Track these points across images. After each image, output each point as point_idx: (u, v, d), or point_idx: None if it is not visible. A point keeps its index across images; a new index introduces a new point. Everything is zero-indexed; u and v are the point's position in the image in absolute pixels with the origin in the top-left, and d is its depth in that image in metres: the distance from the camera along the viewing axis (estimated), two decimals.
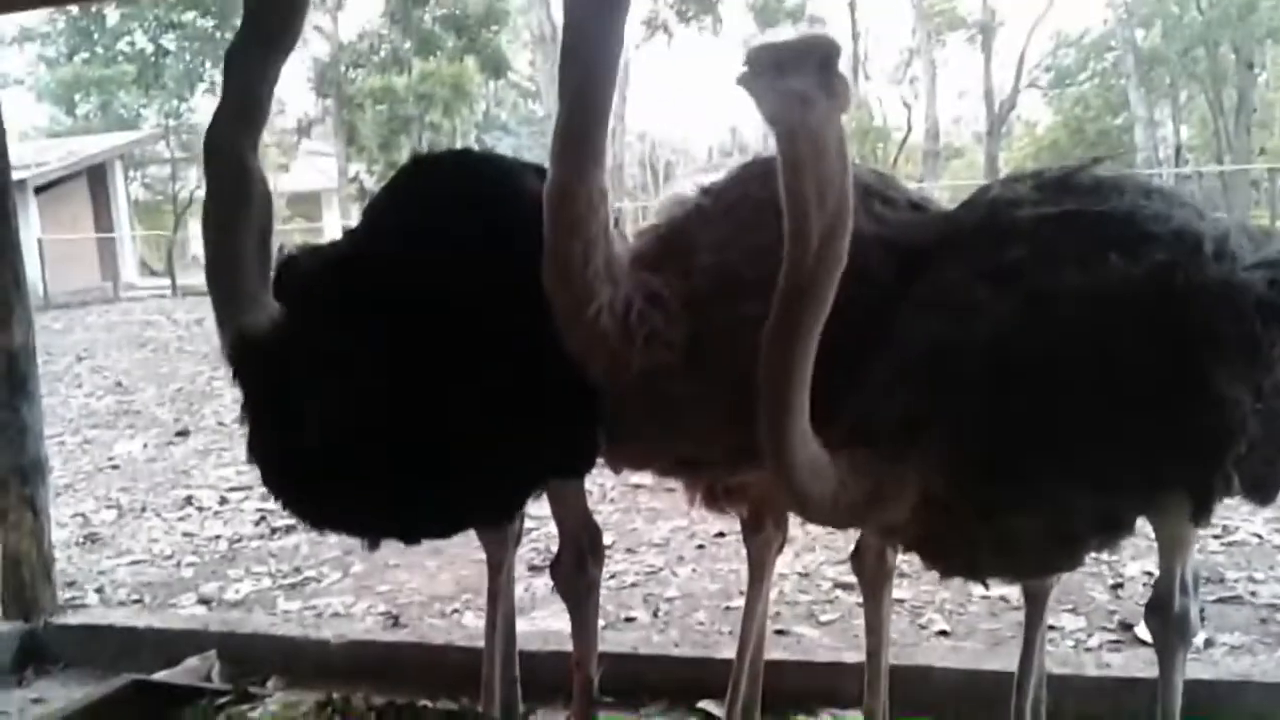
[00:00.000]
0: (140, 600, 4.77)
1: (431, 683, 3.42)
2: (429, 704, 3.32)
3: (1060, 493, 1.90)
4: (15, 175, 4.34)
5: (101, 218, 29.37)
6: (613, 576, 4.55)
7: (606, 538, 2.75)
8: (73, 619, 4.15)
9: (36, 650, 3.98)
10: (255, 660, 3.72)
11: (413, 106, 33.01)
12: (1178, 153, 34.40)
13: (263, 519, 5.89)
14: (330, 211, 36.23)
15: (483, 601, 3.03)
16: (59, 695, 3.65)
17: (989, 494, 1.89)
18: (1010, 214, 2.05)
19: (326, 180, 36.90)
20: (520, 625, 3.09)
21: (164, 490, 6.88)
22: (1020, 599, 2.77)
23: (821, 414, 1.84)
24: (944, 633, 3.85)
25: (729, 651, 2.96)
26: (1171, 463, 1.89)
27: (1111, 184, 2.10)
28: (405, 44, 34.81)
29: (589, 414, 2.21)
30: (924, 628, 3.89)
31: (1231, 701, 2.99)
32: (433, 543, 3.25)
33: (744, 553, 2.92)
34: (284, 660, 3.71)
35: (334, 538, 4.42)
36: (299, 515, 2.37)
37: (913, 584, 4.17)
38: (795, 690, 3.16)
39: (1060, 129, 39.79)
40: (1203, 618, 2.31)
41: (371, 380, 2.10)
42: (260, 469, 2.27)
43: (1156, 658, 2.26)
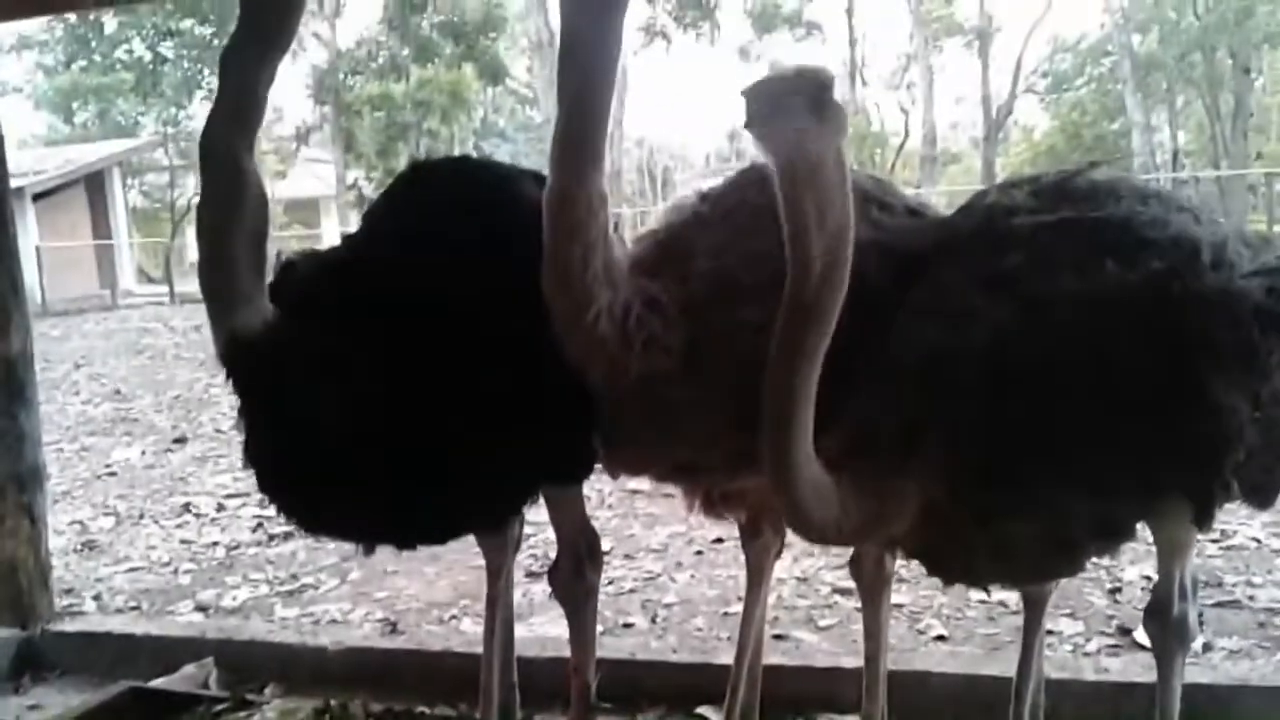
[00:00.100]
0: (137, 607, 4.76)
1: (429, 690, 3.41)
2: (426, 711, 3.33)
3: (1059, 498, 1.89)
4: (13, 183, 4.34)
5: (99, 225, 29.41)
6: (611, 582, 4.54)
7: (604, 543, 2.74)
8: (70, 626, 4.14)
9: (33, 657, 3.96)
10: (252, 667, 3.71)
11: (411, 113, 33.08)
12: (1175, 158, 34.45)
13: (260, 526, 5.88)
14: (328, 218, 36.27)
15: (480, 608, 3.02)
16: (56, 702, 3.64)
17: (987, 500, 1.89)
18: (1007, 220, 2.05)
19: (324, 187, 36.94)
20: (518, 631, 3.08)
21: (161, 497, 6.87)
22: (1018, 604, 2.77)
23: (819, 420, 1.83)
24: (942, 638, 3.84)
25: (727, 657, 2.96)
26: (1170, 470, 1.88)
27: (1108, 189, 2.09)
28: (403, 51, 34.87)
29: (587, 419, 2.21)
30: (922, 633, 3.89)
31: (1230, 705, 2.98)
32: (430, 549, 3.25)
33: (742, 558, 2.92)
34: (281, 667, 3.70)
35: (331, 544, 4.43)
36: (295, 520, 2.37)
37: (911, 589, 4.17)
38: (793, 695, 3.16)
39: (1057, 134, 39.84)
40: (1201, 622, 2.30)
41: (369, 385, 2.10)
42: (256, 473, 2.27)
43: (1155, 662, 2.26)
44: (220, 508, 6.46)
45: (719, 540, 4.96)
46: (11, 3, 4.36)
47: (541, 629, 3.96)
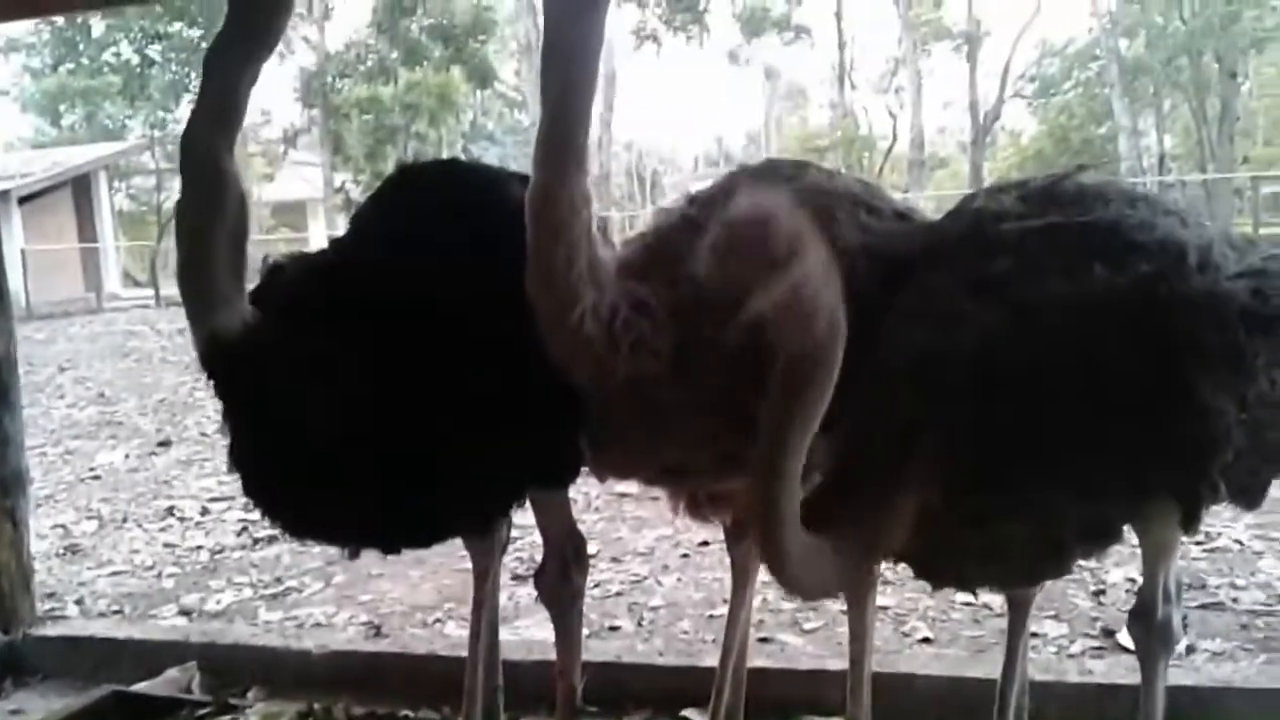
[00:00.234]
0: (120, 611, 4.74)
1: (413, 693, 3.40)
2: (410, 714, 3.32)
3: (1050, 501, 1.89)
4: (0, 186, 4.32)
5: (85, 228, 29.28)
6: (597, 585, 4.54)
7: (591, 546, 2.74)
8: (52, 630, 4.11)
9: (15, 662, 3.93)
10: (236, 671, 3.69)
11: (399, 116, 33.03)
12: (1161, 161, 34.62)
13: (244, 529, 5.86)
14: (316, 221, 36.18)
15: (465, 611, 3.02)
16: (38, 707, 3.61)
17: (981, 502, 1.89)
18: (996, 224, 2.05)
19: (312, 190, 36.88)
20: (503, 634, 3.08)
21: (145, 501, 6.83)
22: (1002, 606, 2.77)
23: None
24: (927, 640, 3.85)
25: (713, 660, 2.95)
26: (1158, 471, 1.89)
27: (1096, 193, 2.09)
28: (392, 54, 34.83)
29: (574, 421, 2.20)
30: (907, 635, 3.89)
31: (1213, 707, 2.99)
32: (415, 552, 3.25)
33: (728, 561, 2.92)
34: (265, 671, 3.68)
35: (316, 548, 4.41)
36: (280, 524, 2.36)
37: (896, 591, 4.17)
38: (778, 698, 3.15)
39: (1045, 138, 40.01)
40: (1185, 625, 2.31)
41: (357, 387, 2.09)
42: (240, 477, 2.26)
43: (1139, 665, 2.26)
44: (204, 511, 6.43)
45: (705, 543, 4.96)
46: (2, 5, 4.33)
47: (527, 632, 3.95)
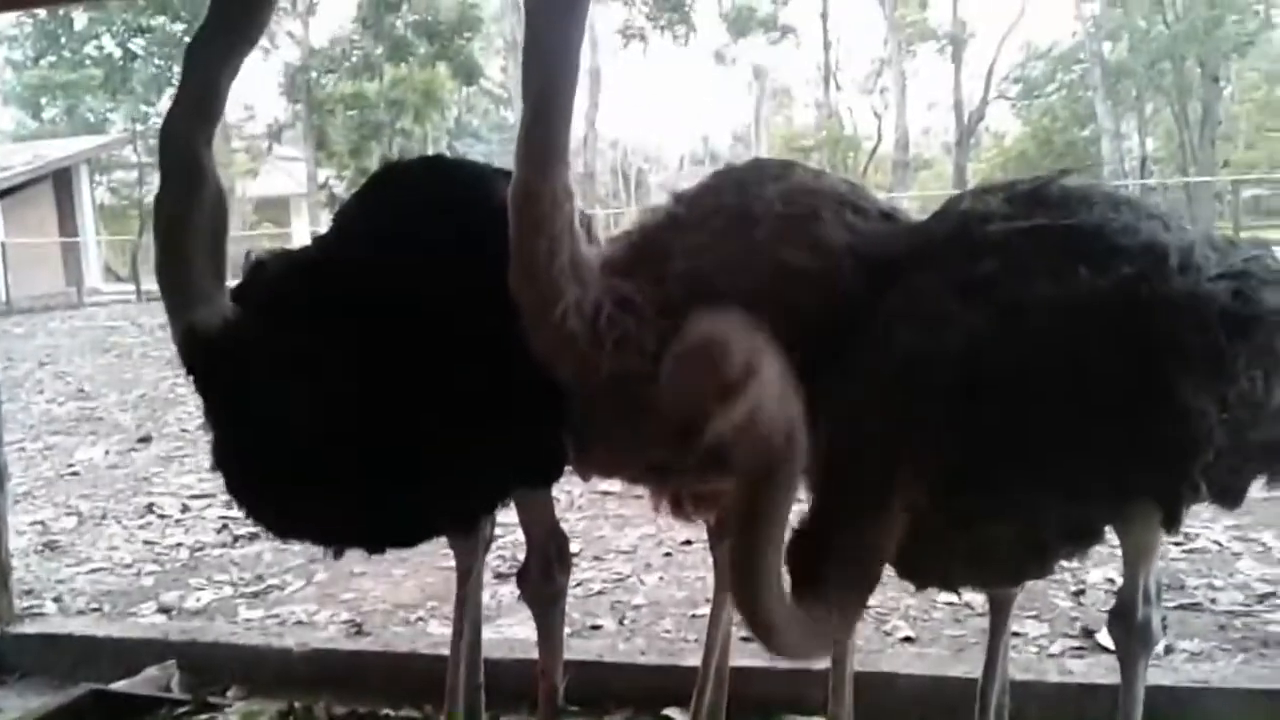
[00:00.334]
0: (99, 609, 4.70)
1: (395, 692, 3.39)
2: (392, 713, 3.31)
3: (1033, 502, 1.90)
4: None
5: (66, 222, 29.07)
6: (579, 584, 4.53)
7: (574, 545, 2.73)
8: (30, 628, 4.09)
9: None
10: (216, 669, 3.67)
11: (384, 112, 32.94)
12: (1143, 165, 34.82)
13: (225, 526, 5.82)
14: (299, 217, 36.04)
15: (448, 609, 3.01)
16: (15, 706, 3.59)
17: (965, 503, 1.89)
18: (982, 226, 2.05)
19: (296, 185, 36.74)
20: (485, 633, 3.06)
21: (125, 497, 6.79)
22: (984, 606, 2.78)
23: None
24: (909, 639, 3.85)
25: (695, 659, 2.96)
26: (1140, 472, 1.89)
27: (1081, 196, 2.10)
28: (377, 49, 34.71)
29: (558, 418, 2.20)
30: (889, 634, 3.89)
31: (1190, 707, 3.01)
32: (398, 551, 3.23)
33: (710, 560, 2.92)
34: (245, 669, 3.66)
35: (297, 545, 4.38)
36: (264, 523, 2.34)
37: (878, 590, 4.13)
38: (760, 696, 3.15)
39: (1028, 140, 40.18)
40: (1165, 626, 2.32)
41: (339, 384, 2.08)
42: (223, 475, 2.25)
43: (1118, 664, 2.27)
44: (185, 508, 6.39)
45: (688, 542, 4.96)
46: None
47: (509, 631, 3.94)
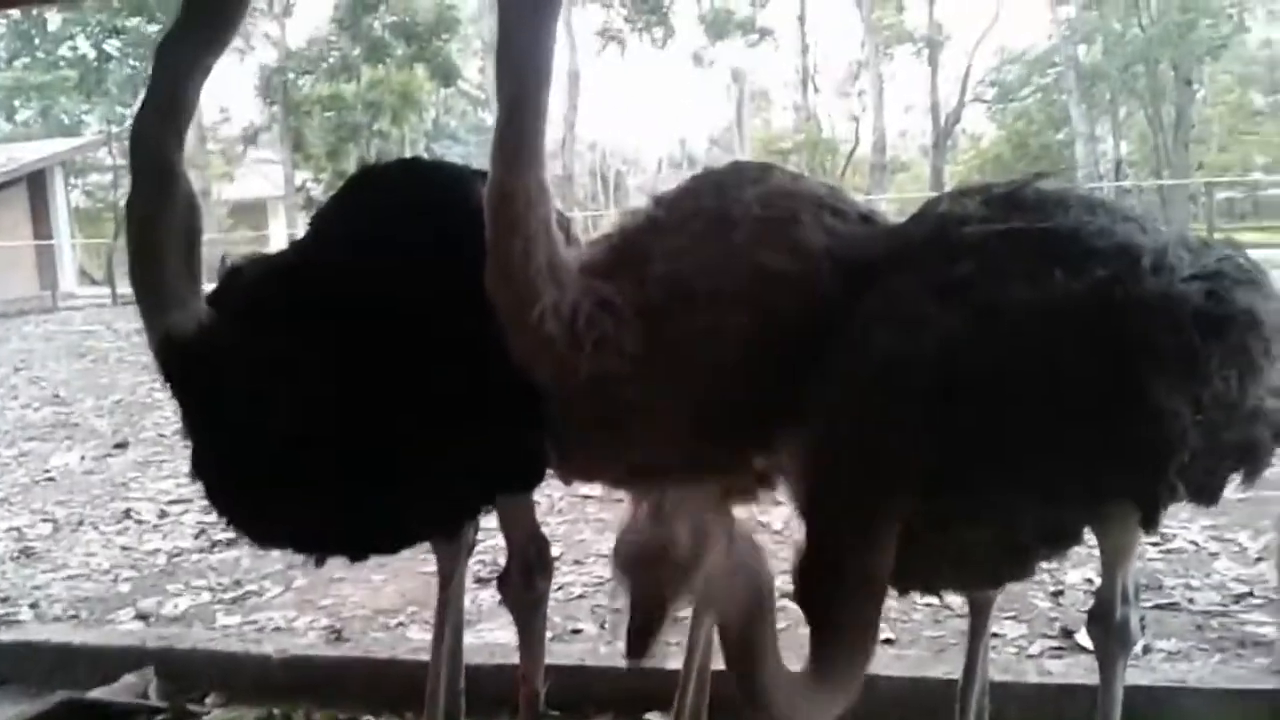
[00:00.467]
0: (76, 616, 4.65)
1: (375, 698, 3.38)
2: (372, 719, 3.29)
3: (1011, 504, 1.90)
4: None
5: (41, 225, 28.78)
6: (560, 588, 4.51)
7: (554, 549, 2.72)
8: (6, 636, 4.06)
9: None
10: (194, 676, 3.65)
11: (361, 114, 32.80)
12: (1118, 167, 35.04)
13: (203, 532, 5.78)
14: (276, 220, 35.85)
15: (428, 615, 3.00)
16: None
17: (943, 506, 1.89)
18: (959, 229, 2.06)
19: (273, 188, 36.53)
20: (466, 638, 3.06)
21: (102, 503, 6.73)
22: (962, 607, 2.79)
23: (765, 432, 1.83)
24: (888, 640, 3.86)
25: (676, 663, 2.95)
26: (1116, 474, 1.89)
27: (1057, 199, 2.11)
28: (354, 51, 34.56)
29: (537, 422, 2.19)
30: None
31: (1168, 707, 3.03)
32: (379, 557, 3.21)
33: None
34: (223, 676, 3.64)
35: (275, 551, 4.36)
36: (243, 531, 2.33)
37: None
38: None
39: (1004, 143, 40.41)
40: (1143, 626, 2.34)
41: (317, 388, 2.07)
42: (203, 483, 2.23)
43: (1097, 665, 2.29)
44: (162, 514, 6.34)
45: None
46: None
47: (490, 635, 3.92)
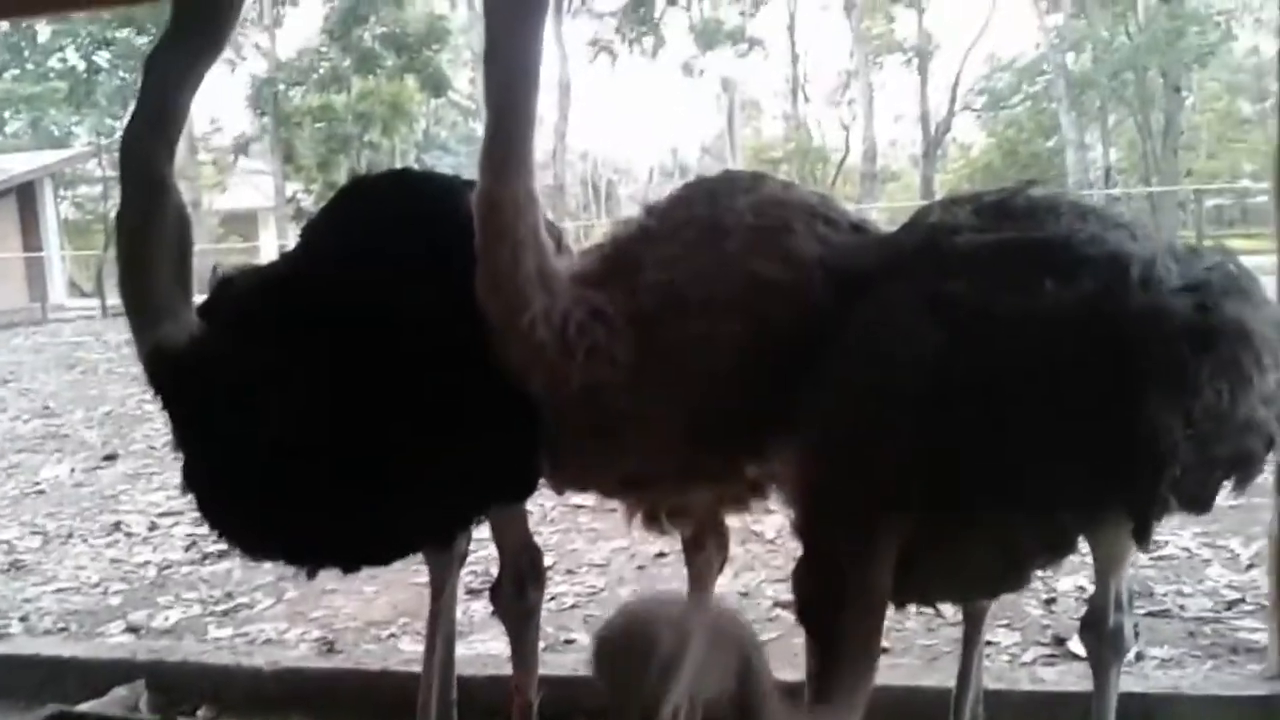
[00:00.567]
0: (66, 629, 4.63)
1: (367, 710, 3.37)
2: None
3: (1004, 516, 1.90)
4: None
5: (30, 237, 28.72)
6: (552, 599, 4.50)
7: (546, 559, 2.72)
8: None
9: None
10: (185, 689, 3.63)
11: (352, 125, 32.73)
12: (1107, 174, 35.17)
13: (193, 544, 5.75)
14: (267, 231, 35.76)
15: (420, 626, 2.99)
16: None
17: (938, 518, 1.89)
18: (951, 239, 2.05)
19: (263, 199, 36.47)
20: (458, 649, 3.05)
21: (92, 516, 6.70)
22: (955, 615, 2.79)
23: (758, 440, 1.83)
24: (883, 649, 3.85)
25: None
26: (1108, 487, 1.88)
27: (1048, 207, 2.10)
28: (344, 62, 34.53)
29: (531, 432, 2.18)
30: None
31: (1161, 714, 3.03)
32: (370, 567, 3.20)
33: (684, 573, 2.90)
34: (214, 689, 3.63)
35: (267, 563, 4.34)
36: (235, 543, 2.31)
37: None
38: None
39: (994, 151, 40.49)
40: (1136, 633, 2.33)
41: (308, 400, 2.06)
42: (195, 496, 2.22)
43: (1090, 672, 2.29)
44: (152, 526, 6.31)
45: (662, 555, 4.94)
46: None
47: (482, 646, 3.92)
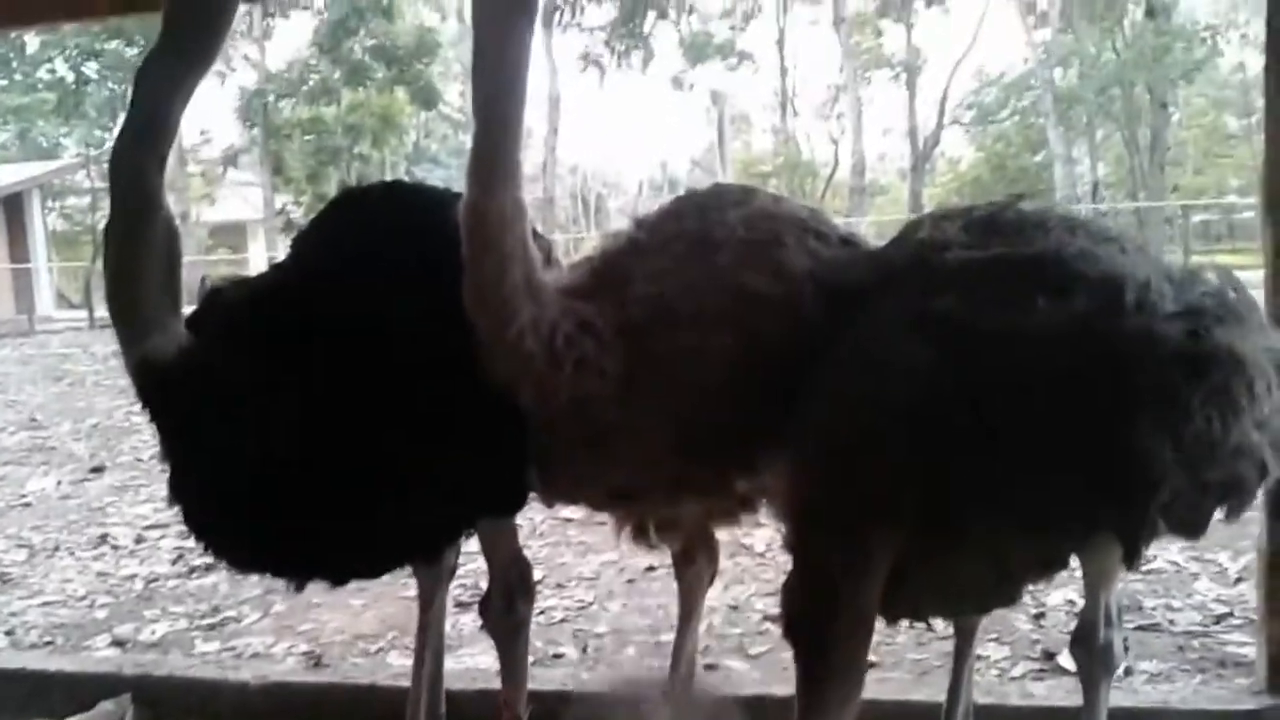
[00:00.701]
0: (52, 642, 4.59)
1: None
2: None
3: (994, 535, 1.90)
4: None
5: (17, 248, 28.65)
6: (541, 612, 4.48)
7: (535, 573, 2.71)
8: None
9: None
10: (171, 703, 3.60)
11: (341, 137, 32.78)
12: (1095, 189, 35.34)
13: (180, 558, 5.71)
14: (256, 243, 35.74)
15: (408, 640, 2.98)
16: None
17: (929, 536, 1.89)
18: (940, 255, 2.05)
19: (252, 211, 36.45)
20: (447, 663, 3.03)
21: (78, 528, 6.65)
22: (945, 629, 2.79)
23: (748, 453, 1.82)
24: (871, 664, 3.84)
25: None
26: (1098, 509, 1.88)
27: (1037, 221, 2.10)
28: (334, 74, 34.57)
29: (520, 444, 2.18)
30: None
31: None
32: (359, 581, 3.19)
33: (674, 587, 2.90)
34: (201, 703, 3.60)
35: (254, 576, 4.32)
36: (223, 556, 2.30)
37: None
38: None
39: (982, 165, 40.73)
40: (1126, 648, 2.34)
41: (299, 412, 2.06)
42: (181, 509, 2.21)
43: (1080, 687, 2.29)
44: (139, 539, 6.27)
45: (651, 569, 4.93)
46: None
47: (471, 661, 3.89)
